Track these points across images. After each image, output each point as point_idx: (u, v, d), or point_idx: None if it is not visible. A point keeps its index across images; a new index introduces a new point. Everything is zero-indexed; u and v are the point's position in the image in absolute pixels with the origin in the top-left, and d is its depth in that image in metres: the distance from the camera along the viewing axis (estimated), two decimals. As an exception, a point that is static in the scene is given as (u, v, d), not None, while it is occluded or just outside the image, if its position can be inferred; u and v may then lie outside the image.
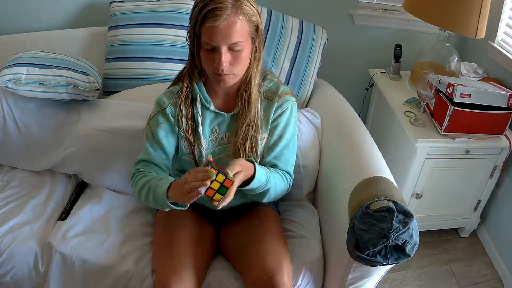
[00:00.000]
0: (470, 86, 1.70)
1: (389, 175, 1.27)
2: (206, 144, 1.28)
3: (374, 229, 1.07)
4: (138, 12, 1.75)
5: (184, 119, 1.25)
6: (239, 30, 1.09)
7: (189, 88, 1.25)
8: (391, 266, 1.16)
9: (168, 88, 1.32)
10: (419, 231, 1.12)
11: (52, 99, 1.54)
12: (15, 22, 1.90)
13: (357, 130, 1.50)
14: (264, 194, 1.24)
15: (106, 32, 1.79)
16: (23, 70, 1.48)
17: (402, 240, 1.06)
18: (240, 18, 1.09)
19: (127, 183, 1.46)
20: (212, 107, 1.27)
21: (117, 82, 1.75)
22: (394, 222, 1.06)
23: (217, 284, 1.27)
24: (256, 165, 1.16)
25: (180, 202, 1.12)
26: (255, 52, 1.19)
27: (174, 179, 1.16)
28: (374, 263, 1.09)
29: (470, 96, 1.65)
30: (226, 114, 1.27)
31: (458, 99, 1.65)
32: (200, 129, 1.26)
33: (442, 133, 1.74)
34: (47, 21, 1.92)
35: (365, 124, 1.81)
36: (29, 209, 1.45)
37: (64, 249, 1.30)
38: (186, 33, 1.18)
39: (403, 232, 1.06)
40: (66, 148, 1.56)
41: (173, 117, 1.26)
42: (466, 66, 2.08)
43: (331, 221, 1.39)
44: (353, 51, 2.26)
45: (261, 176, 1.17)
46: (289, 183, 1.33)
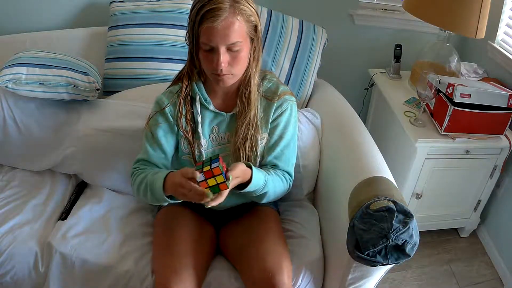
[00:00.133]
0: (470, 86, 1.70)
1: (389, 175, 1.27)
2: (205, 143, 1.28)
3: (374, 229, 1.07)
4: (138, 12, 1.75)
5: (183, 119, 1.25)
6: (237, 31, 1.09)
7: (188, 88, 1.25)
8: (391, 266, 1.16)
9: (167, 88, 1.32)
10: (419, 231, 1.12)
11: (52, 99, 1.54)
12: (15, 22, 1.90)
13: (357, 130, 1.50)
14: (262, 196, 1.25)
15: (106, 32, 1.79)
16: (23, 70, 1.48)
17: (402, 240, 1.06)
18: (238, 18, 1.09)
19: (127, 183, 1.46)
20: (211, 107, 1.27)
21: (117, 82, 1.75)
22: (394, 222, 1.06)
23: (217, 284, 1.26)
24: (253, 169, 1.16)
25: (176, 197, 1.14)
26: (254, 52, 1.19)
27: (168, 172, 1.16)
28: (374, 263, 1.09)
29: (470, 96, 1.65)
30: (225, 114, 1.27)
31: (458, 99, 1.65)
32: (199, 128, 1.26)
33: (442, 133, 1.74)
34: (47, 21, 1.92)
35: (365, 124, 1.81)
36: (29, 209, 1.45)
37: (64, 249, 1.30)
38: (185, 33, 1.18)
39: (403, 232, 1.06)
40: (66, 148, 1.56)
41: (172, 116, 1.26)
42: (466, 66, 2.08)
43: (331, 221, 1.39)
44: (353, 51, 2.26)
45: (258, 180, 1.17)
46: (289, 184, 1.33)
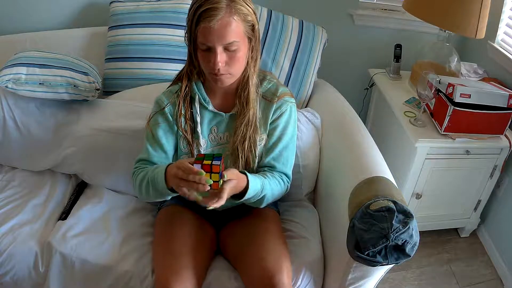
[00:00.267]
0: (470, 86, 1.70)
1: (389, 175, 1.27)
2: (204, 143, 1.28)
3: (374, 229, 1.07)
4: (138, 12, 1.76)
5: (182, 119, 1.25)
6: (234, 30, 1.09)
7: (188, 87, 1.25)
8: (391, 266, 1.16)
9: (167, 88, 1.32)
10: (419, 231, 1.12)
11: (52, 99, 1.54)
12: (15, 22, 1.90)
13: (357, 130, 1.50)
14: (261, 201, 1.24)
15: (106, 32, 1.79)
16: (23, 70, 1.48)
17: (402, 240, 1.06)
18: (235, 18, 1.08)
19: (127, 183, 1.47)
20: (210, 107, 1.26)
21: (117, 82, 1.75)
22: (394, 222, 1.06)
23: (217, 284, 1.26)
24: (248, 176, 1.15)
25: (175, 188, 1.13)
26: (252, 52, 1.19)
27: (167, 165, 1.15)
28: (374, 263, 1.09)
29: (470, 96, 1.65)
30: (224, 114, 1.27)
31: (458, 99, 1.65)
32: (198, 128, 1.26)
33: (442, 133, 1.74)
34: (47, 21, 1.92)
35: (365, 124, 1.81)
36: (29, 209, 1.45)
37: (64, 249, 1.30)
38: (184, 33, 1.18)
39: (403, 232, 1.06)
40: (66, 148, 1.56)
41: (172, 116, 1.26)
42: (466, 66, 2.08)
43: (331, 221, 1.39)
44: (353, 51, 2.26)
45: (255, 185, 1.17)
46: (286, 186, 1.33)
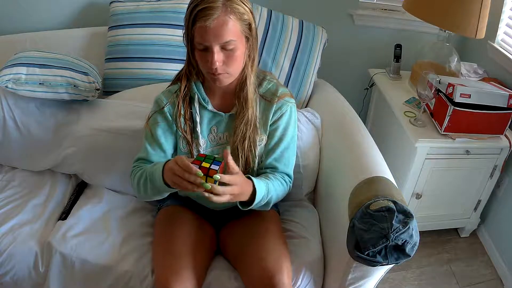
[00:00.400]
0: (470, 86, 1.70)
1: (389, 175, 1.27)
2: (204, 143, 1.28)
3: (374, 229, 1.07)
4: (138, 12, 1.75)
5: (182, 119, 1.25)
6: (231, 29, 1.09)
7: (187, 87, 1.25)
8: (391, 266, 1.16)
9: (167, 87, 1.32)
10: (419, 231, 1.12)
11: (52, 99, 1.54)
12: (15, 22, 1.90)
13: (357, 130, 1.50)
14: (268, 204, 1.25)
15: (106, 32, 1.79)
16: (23, 70, 1.48)
17: (402, 240, 1.06)
18: (231, 17, 1.08)
19: (127, 183, 1.46)
20: (210, 107, 1.26)
21: (117, 82, 1.74)
22: (394, 222, 1.06)
23: (217, 284, 1.26)
24: (254, 180, 1.15)
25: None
26: (249, 50, 1.18)
27: (165, 162, 1.14)
28: (374, 263, 1.09)
29: (470, 96, 1.65)
30: (223, 114, 1.27)
31: (458, 99, 1.65)
32: (198, 128, 1.26)
33: (442, 133, 1.74)
34: (47, 21, 1.92)
35: (365, 124, 1.81)
36: (29, 209, 1.45)
37: (64, 249, 1.30)
38: (182, 33, 1.17)
39: (403, 232, 1.06)
40: (66, 148, 1.56)
41: (171, 116, 1.26)
42: (466, 66, 2.08)
43: (331, 221, 1.39)
44: (353, 51, 2.26)
45: (261, 188, 1.17)
46: (288, 186, 1.33)
